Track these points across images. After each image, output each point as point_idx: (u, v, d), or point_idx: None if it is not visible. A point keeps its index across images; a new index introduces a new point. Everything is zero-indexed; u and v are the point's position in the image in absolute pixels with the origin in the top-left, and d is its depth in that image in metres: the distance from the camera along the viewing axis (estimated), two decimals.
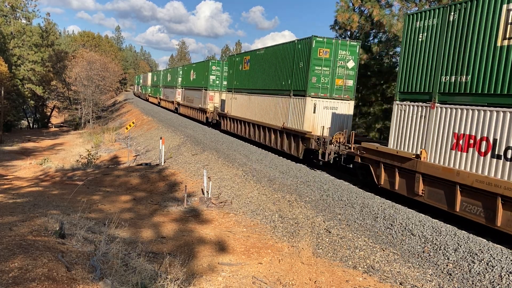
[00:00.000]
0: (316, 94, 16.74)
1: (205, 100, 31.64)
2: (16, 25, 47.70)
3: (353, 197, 11.97)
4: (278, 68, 19.21)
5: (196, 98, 34.58)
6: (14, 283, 4.51)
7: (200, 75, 33.91)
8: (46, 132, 50.46)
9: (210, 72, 31.30)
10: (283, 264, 8.19)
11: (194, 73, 36.50)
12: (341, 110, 17.12)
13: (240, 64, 24.36)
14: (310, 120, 16.77)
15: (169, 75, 49.39)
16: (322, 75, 16.57)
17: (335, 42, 16.69)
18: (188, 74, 38.62)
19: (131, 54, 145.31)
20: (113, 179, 17.52)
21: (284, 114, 18.45)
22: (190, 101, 37.13)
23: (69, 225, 7.77)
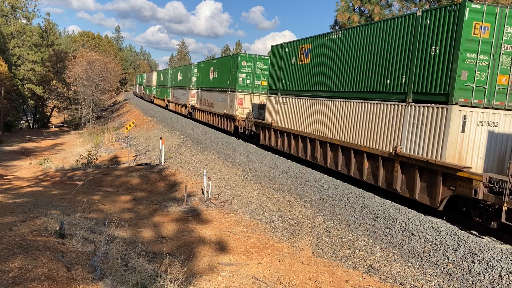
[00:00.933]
0: (467, 100, 10.14)
1: (232, 105, 25.31)
2: (16, 25, 47.68)
3: (353, 197, 11.97)
4: (376, 58, 12.80)
5: (219, 101, 28.23)
6: (14, 283, 4.51)
7: (223, 73, 27.62)
8: (46, 132, 50.46)
9: (240, 69, 24.49)
10: (283, 264, 8.19)
11: (215, 71, 29.97)
12: (504, 126, 10.58)
13: (293, 57, 17.99)
14: (456, 144, 10.19)
15: (179, 74, 42.59)
16: (477, 67, 10.07)
17: (500, 11, 10.06)
18: (206, 72, 32.07)
19: (131, 54, 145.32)
20: (113, 179, 17.52)
21: (392, 131, 11.97)
22: (209, 105, 30.58)
23: (69, 225, 7.77)
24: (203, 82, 32.86)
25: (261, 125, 20.89)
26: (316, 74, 16.13)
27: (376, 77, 12.84)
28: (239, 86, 24.89)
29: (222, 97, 27.50)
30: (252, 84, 25.04)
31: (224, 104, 26.96)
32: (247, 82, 24.96)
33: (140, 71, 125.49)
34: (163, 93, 52.28)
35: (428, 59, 10.80)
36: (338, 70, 14.78)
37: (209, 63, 32.43)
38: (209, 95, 31.06)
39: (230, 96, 25.84)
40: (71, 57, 53.81)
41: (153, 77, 62.54)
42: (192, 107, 35.72)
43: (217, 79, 29.04)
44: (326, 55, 15.54)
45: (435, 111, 10.45)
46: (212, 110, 29.75)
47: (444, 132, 10.19)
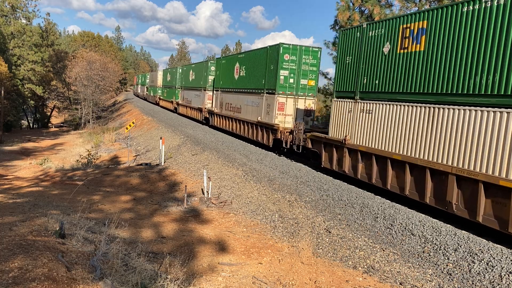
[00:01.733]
0: None
1: (270, 110, 19.92)
2: (16, 25, 47.70)
3: (353, 197, 11.97)
4: None
5: (249, 106, 22.52)
6: (14, 283, 4.51)
7: (256, 71, 21.94)
8: (46, 132, 50.48)
9: (281, 65, 19.19)
10: (283, 264, 8.19)
11: (241, 68, 24.20)
12: None
13: (387, 42, 12.36)
14: None
15: (191, 73, 37.04)
16: None
17: None
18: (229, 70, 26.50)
19: (131, 54, 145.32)
20: (113, 179, 17.52)
21: None
22: (234, 109, 25.05)
23: (69, 225, 7.77)
24: (225, 82, 27.14)
25: (325, 141, 14.92)
26: (444, 68, 10.12)
27: None
28: (280, 86, 19.34)
29: (255, 101, 21.93)
30: (297, 84, 19.58)
31: (257, 109, 21.38)
32: (290, 81, 19.42)
33: (140, 71, 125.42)
34: (171, 95, 46.70)
35: None
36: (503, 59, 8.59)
37: (233, 58, 26.25)
38: (233, 98, 25.26)
39: (267, 100, 20.36)
40: (71, 57, 53.84)
41: (159, 77, 56.30)
42: (210, 112, 30.15)
43: (246, 78, 23.46)
44: (467, 37, 9.52)
45: None
46: (238, 116, 23.97)
47: None
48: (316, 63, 19.59)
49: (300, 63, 19.39)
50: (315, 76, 19.57)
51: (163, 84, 53.12)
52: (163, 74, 54.35)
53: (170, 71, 49.63)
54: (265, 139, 20.22)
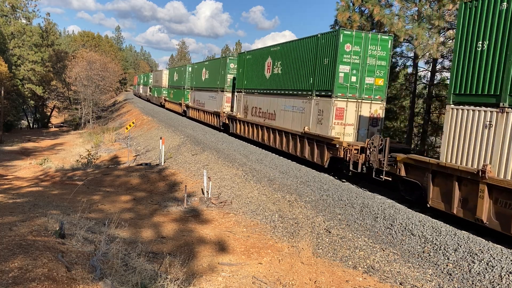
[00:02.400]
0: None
1: (323, 118, 15.50)
2: (16, 25, 47.70)
3: (353, 197, 11.97)
4: None
5: (288, 112, 18.04)
6: (14, 283, 4.51)
7: (298, 67, 17.40)
8: (46, 132, 50.48)
9: (341, 58, 14.80)
10: (283, 264, 8.19)
11: (275, 63, 19.49)
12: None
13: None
14: None
15: (205, 71, 32.39)
16: None
17: None
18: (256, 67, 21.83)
19: (131, 54, 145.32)
20: (113, 179, 17.52)
21: None
22: (265, 116, 20.45)
23: (69, 225, 7.77)
24: (251, 81, 22.63)
25: (435, 169, 10.16)
26: None
27: None
28: (339, 87, 14.74)
29: (297, 106, 17.22)
30: (361, 84, 14.98)
31: (302, 117, 16.79)
32: (351, 80, 14.84)
33: (140, 71, 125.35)
34: (179, 96, 41.68)
35: None
36: None
37: (263, 52, 21.19)
38: (263, 102, 20.77)
39: (319, 104, 15.64)
40: (71, 57, 53.84)
41: (164, 76, 51.41)
42: (230, 118, 25.52)
43: (282, 77, 18.80)
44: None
45: None
46: (272, 124, 19.43)
47: None
48: (385, 56, 15.12)
49: (365, 55, 14.87)
50: (384, 72, 15.18)
51: (169, 84, 48.60)
52: (169, 73, 49.73)
53: (178, 69, 44.63)
54: (317, 156, 15.55)
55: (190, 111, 36.60)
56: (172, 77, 47.24)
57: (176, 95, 43.45)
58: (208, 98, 31.00)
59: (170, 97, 47.66)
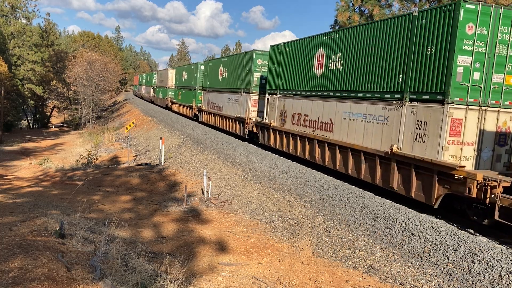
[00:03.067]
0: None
1: (432, 137, 10.40)
2: (16, 25, 47.71)
3: (353, 197, 11.97)
4: None
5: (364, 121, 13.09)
6: (14, 283, 4.51)
7: (386, 57, 12.25)
8: (46, 132, 50.49)
9: (460, 45, 9.89)
10: (283, 264, 8.19)
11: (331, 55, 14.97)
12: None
13: None
14: None
15: (222, 69, 27.61)
16: None
17: None
18: (301, 61, 17.11)
19: (131, 54, 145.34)
20: (113, 179, 17.52)
21: None
22: (316, 125, 15.81)
23: (69, 225, 7.77)
24: (290, 80, 17.87)
25: None
26: None
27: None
28: (457, 87, 10.03)
29: (373, 113, 12.58)
30: (486, 83, 10.27)
31: (384, 130, 12.08)
32: (474, 77, 10.10)
33: (140, 71, 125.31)
34: (189, 98, 36.92)
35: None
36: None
37: (312, 42, 16.37)
38: (311, 107, 16.11)
39: (419, 113, 10.85)
40: (71, 57, 53.85)
41: (170, 76, 46.93)
42: (261, 126, 20.60)
43: (342, 74, 14.31)
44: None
45: None
46: (327, 137, 14.75)
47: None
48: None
49: (493, 40, 10.11)
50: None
51: (176, 85, 43.86)
52: (176, 73, 45.07)
53: (187, 68, 40.01)
54: (416, 190, 10.77)
55: (203, 116, 31.65)
56: (179, 77, 42.53)
57: (185, 96, 38.60)
58: (228, 101, 25.96)
59: (177, 98, 42.79)
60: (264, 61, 22.27)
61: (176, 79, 44.71)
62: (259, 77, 22.36)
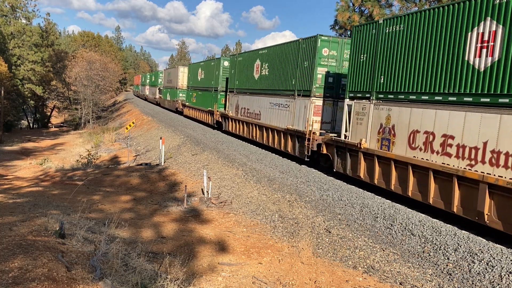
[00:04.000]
0: None
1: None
2: (16, 25, 47.72)
3: (353, 197, 11.97)
4: None
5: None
6: (14, 283, 4.51)
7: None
8: (46, 132, 50.49)
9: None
10: (283, 264, 8.19)
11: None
12: None
13: None
14: None
15: (259, 65, 21.74)
16: None
17: None
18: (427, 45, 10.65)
19: (131, 54, 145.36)
20: (113, 179, 17.52)
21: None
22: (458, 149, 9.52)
23: (69, 225, 7.77)
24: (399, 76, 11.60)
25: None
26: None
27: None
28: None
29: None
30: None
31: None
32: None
33: (140, 71, 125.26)
34: (207, 101, 30.72)
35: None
36: None
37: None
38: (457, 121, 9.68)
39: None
40: (71, 57, 53.87)
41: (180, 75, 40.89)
42: (340, 147, 14.07)
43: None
44: None
45: None
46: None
47: None
48: None
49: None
50: None
51: (190, 85, 36.87)
52: (190, 71, 37.73)
53: (205, 65, 32.66)
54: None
55: (230, 124, 25.45)
56: (194, 76, 35.99)
57: (203, 99, 32.17)
58: (271, 107, 19.91)
59: (191, 101, 35.90)
60: (333, 51, 16.21)
61: (189, 79, 37.99)
62: (325, 74, 16.24)
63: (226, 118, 26.06)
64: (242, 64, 24.33)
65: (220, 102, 27.78)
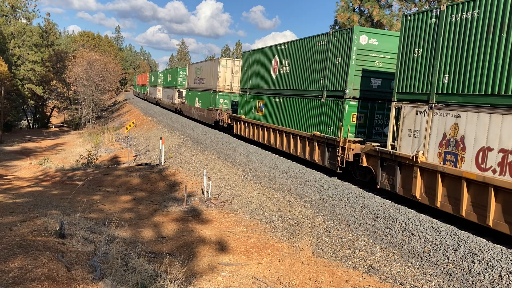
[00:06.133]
0: None
1: None
2: (16, 25, 47.72)
3: (353, 197, 11.97)
4: None
5: None
6: (14, 283, 4.51)
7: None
8: (46, 132, 50.49)
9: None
10: (283, 264, 8.19)
11: None
12: None
13: None
14: None
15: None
16: None
17: None
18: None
19: (131, 54, 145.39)
20: (113, 179, 17.52)
21: None
22: None
23: (69, 225, 7.77)
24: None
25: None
26: None
27: None
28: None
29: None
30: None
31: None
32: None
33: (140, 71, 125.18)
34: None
35: None
36: None
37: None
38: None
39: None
40: (71, 57, 53.88)
41: (221, 70, 28.24)
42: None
43: None
44: None
45: None
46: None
47: None
48: None
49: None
50: None
51: (250, 86, 22.49)
52: (246, 64, 23.31)
53: (283, 49, 18.79)
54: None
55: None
56: (250, 72, 22.59)
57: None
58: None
59: (254, 113, 21.58)
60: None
61: (246, 77, 23.19)
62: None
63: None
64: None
65: (348, 119, 14.09)
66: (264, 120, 20.29)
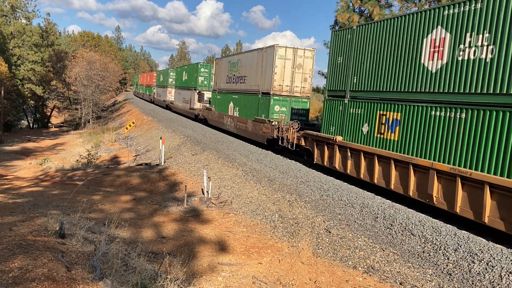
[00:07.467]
0: None
1: None
2: (16, 25, 47.73)
3: (353, 197, 11.97)
4: None
5: None
6: (14, 283, 4.51)
7: None
8: (46, 132, 50.50)
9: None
10: (283, 264, 8.19)
11: None
12: None
13: None
14: None
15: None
16: None
17: None
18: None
19: (131, 54, 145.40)
20: (113, 179, 17.52)
21: None
22: None
23: (69, 225, 7.77)
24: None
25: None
26: None
27: None
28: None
29: None
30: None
31: None
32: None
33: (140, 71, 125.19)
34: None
35: None
36: None
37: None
38: None
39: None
40: (71, 57, 53.91)
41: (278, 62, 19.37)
42: None
43: None
44: None
45: None
46: None
47: None
48: None
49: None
50: None
51: (340, 87, 14.11)
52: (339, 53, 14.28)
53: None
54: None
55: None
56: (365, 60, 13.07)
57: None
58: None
59: (371, 135, 12.49)
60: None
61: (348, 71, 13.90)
62: None
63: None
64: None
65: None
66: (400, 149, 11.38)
